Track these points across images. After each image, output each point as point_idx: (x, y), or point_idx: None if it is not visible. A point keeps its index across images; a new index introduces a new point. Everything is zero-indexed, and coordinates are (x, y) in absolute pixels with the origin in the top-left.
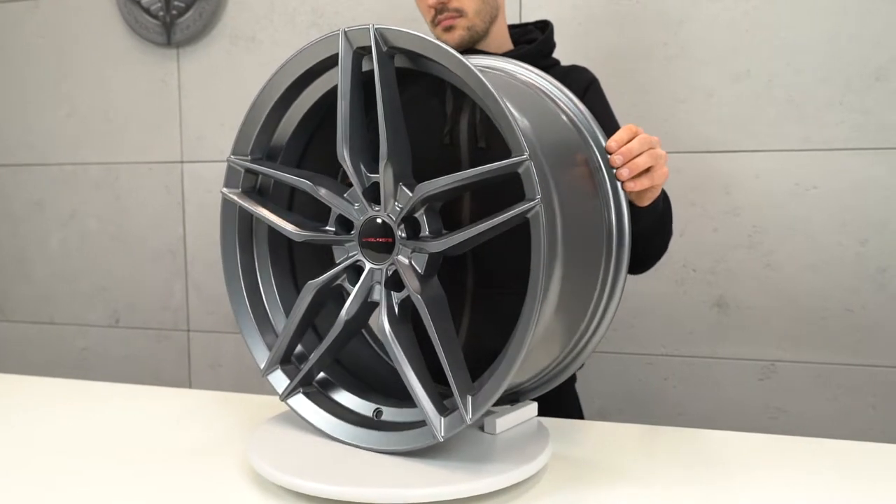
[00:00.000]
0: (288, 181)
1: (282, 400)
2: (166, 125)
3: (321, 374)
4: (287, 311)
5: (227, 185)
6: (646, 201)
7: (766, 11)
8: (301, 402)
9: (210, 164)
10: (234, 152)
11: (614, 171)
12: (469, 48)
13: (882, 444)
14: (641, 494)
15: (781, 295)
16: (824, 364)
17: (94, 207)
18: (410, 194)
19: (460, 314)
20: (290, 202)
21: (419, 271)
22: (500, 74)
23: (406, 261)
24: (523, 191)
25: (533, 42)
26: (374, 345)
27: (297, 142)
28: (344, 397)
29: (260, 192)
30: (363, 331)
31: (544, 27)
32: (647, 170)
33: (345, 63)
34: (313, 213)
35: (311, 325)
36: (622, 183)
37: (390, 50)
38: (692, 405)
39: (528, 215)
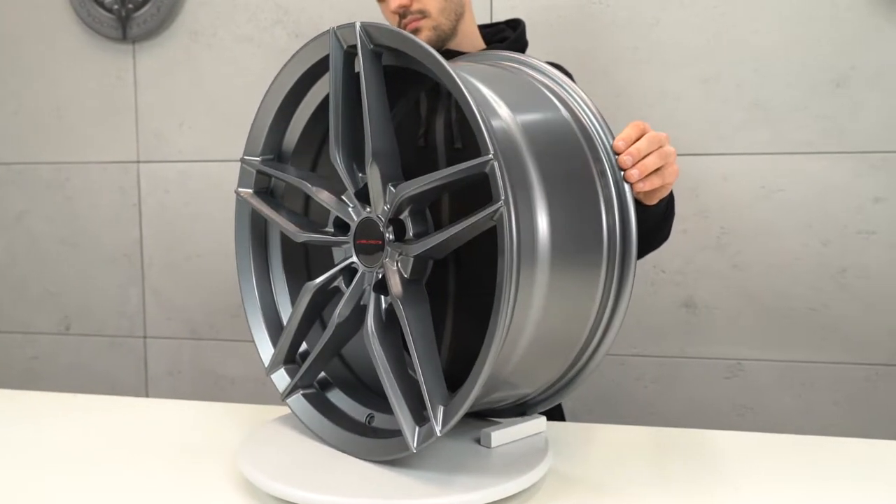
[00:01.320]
0: (290, 182)
1: (283, 399)
2: (121, 123)
3: (322, 375)
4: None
5: (240, 185)
6: (654, 200)
7: (734, 17)
8: (299, 403)
9: (168, 165)
10: (247, 153)
11: (622, 172)
12: (440, 49)
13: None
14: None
15: (748, 295)
16: (788, 362)
17: (43, 209)
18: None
19: (443, 318)
20: (305, 204)
21: (405, 275)
22: (510, 69)
23: (393, 264)
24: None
25: (505, 41)
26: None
27: (308, 142)
28: (341, 400)
29: (272, 193)
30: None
31: (515, 26)
32: (657, 169)
33: (335, 62)
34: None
35: (322, 323)
36: (631, 184)
37: (377, 48)
38: (663, 404)
39: (494, 218)
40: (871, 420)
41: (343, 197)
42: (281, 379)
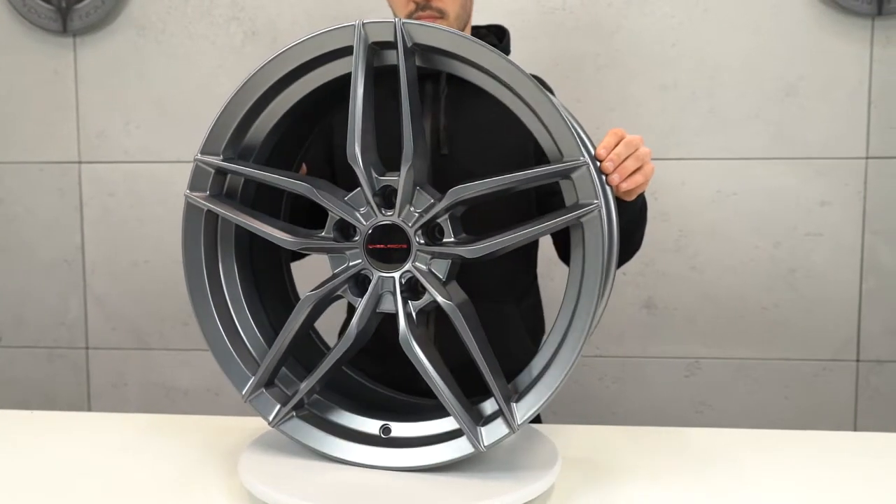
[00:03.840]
0: (282, 185)
1: (273, 426)
2: (60, 121)
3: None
4: (259, 327)
5: (192, 187)
6: (633, 196)
7: (690, 28)
8: (297, 427)
9: (113, 165)
10: (205, 150)
11: (605, 177)
12: None
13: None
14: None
15: (705, 295)
16: (742, 359)
17: None
18: (431, 199)
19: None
20: (253, 207)
21: (440, 277)
22: None
23: (425, 267)
24: None
25: None
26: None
27: (291, 143)
28: (343, 417)
29: (226, 196)
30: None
31: (501, 35)
32: (637, 169)
33: (359, 57)
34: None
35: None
36: (614, 187)
37: (413, 47)
38: (624, 403)
39: (584, 219)
40: (817, 412)
41: (347, 199)
42: (266, 404)
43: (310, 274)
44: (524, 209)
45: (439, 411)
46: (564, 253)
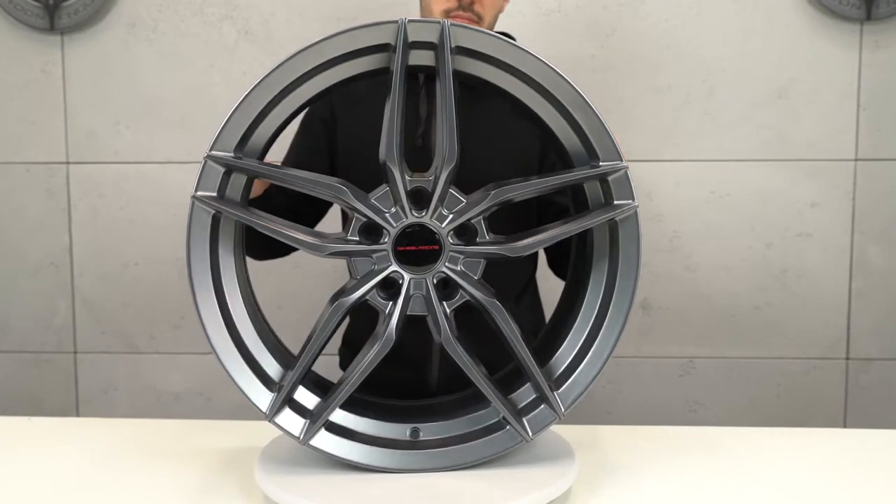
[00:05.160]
0: (307, 185)
1: (303, 443)
2: (47, 121)
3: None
4: (262, 335)
5: (201, 188)
6: None
7: (685, 31)
8: (326, 440)
9: (102, 166)
10: (217, 147)
11: None
12: None
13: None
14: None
15: (698, 295)
16: (736, 358)
17: None
18: (462, 199)
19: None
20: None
21: (474, 277)
22: None
23: (457, 267)
24: None
25: None
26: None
27: (268, 145)
28: (367, 425)
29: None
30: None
31: None
32: None
33: (400, 56)
34: None
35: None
36: None
37: (455, 48)
38: (620, 403)
39: (619, 217)
40: (808, 410)
41: (374, 201)
42: (290, 421)
43: (310, 275)
44: (524, 217)
45: (465, 409)
46: (556, 263)
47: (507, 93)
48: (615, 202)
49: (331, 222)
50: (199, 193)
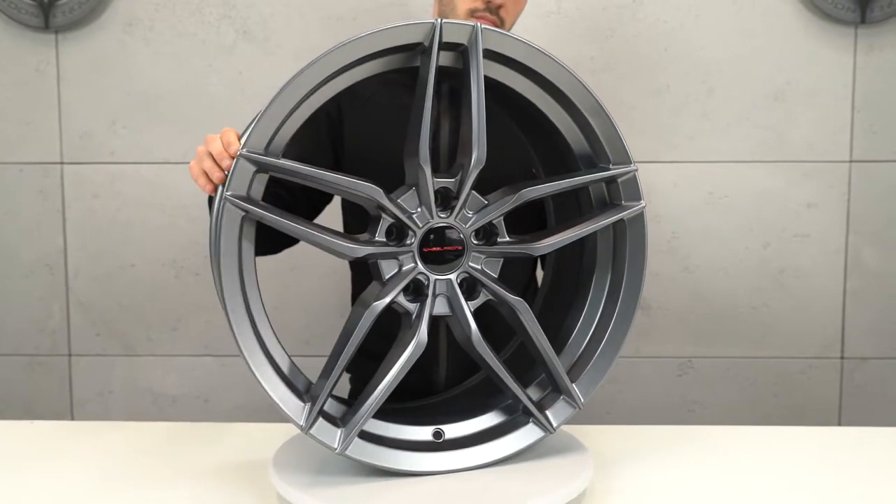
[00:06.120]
0: (342, 186)
1: (339, 453)
2: (42, 121)
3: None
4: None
5: (233, 188)
6: None
7: (683, 33)
8: (362, 449)
9: (98, 166)
10: (249, 146)
11: None
12: None
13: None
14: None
15: (696, 295)
16: (733, 358)
17: None
18: (485, 200)
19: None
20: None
21: (494, 276)
22: None
23: (479, 267)
24: None
25: None
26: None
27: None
28: (389, 429)
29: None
30: None
31: None
32: None
33: (434, 56)
34: None
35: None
36: None
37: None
38: (619, 403)
39: (628, 217)
40: (804, 409)
41: (400, 202)
42: (327, 432)
43: (309, 276)
44: (526, 219)
45: (483, 408)
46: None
47: (519, 95)
48: (624, 203)
49: (331, 222)
50: (229, 194)
